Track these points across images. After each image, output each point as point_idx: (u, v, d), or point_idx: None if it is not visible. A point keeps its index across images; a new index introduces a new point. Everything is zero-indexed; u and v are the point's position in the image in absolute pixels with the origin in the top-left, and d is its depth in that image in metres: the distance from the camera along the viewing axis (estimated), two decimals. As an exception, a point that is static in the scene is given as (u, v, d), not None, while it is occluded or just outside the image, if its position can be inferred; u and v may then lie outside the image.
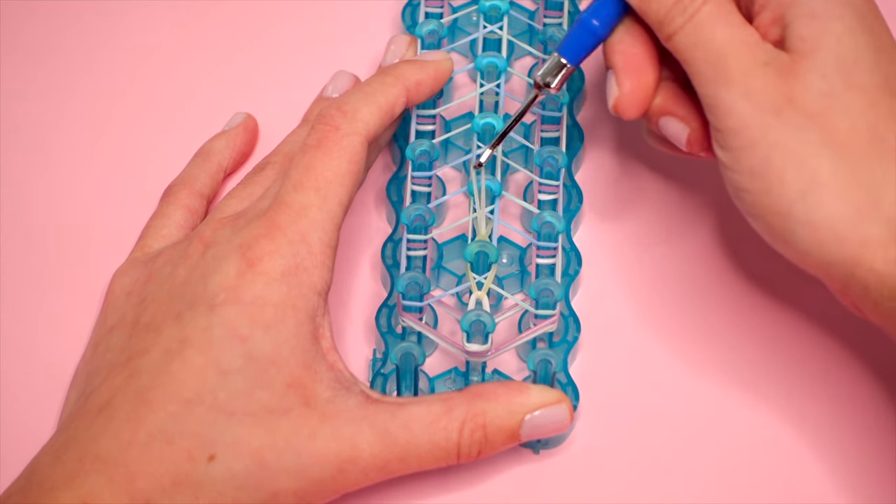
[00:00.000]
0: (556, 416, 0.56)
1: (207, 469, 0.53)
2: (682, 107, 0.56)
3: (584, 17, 0.57)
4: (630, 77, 0.56)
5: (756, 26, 0.54)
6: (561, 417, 0.56)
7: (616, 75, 0.56)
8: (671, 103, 0.57)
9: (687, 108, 0.56)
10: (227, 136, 0.65)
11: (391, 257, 0.62)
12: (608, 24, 0.57)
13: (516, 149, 0.64)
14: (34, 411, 0.59)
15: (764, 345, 0.61)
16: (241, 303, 0.54)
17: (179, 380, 0.53)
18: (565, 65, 0.58)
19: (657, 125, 0.57)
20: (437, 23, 0.64)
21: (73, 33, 0.69)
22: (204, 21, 0.69)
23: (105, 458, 0.52)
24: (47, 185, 0.65)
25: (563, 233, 0.60)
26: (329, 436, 0.54)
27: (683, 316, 0.62)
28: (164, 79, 0.68)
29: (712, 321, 0.62)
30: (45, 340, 0.61)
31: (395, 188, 0.63)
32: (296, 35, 0.69)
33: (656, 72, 0.56)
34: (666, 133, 0.57)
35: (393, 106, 0.59)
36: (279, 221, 0.56)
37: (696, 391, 0.60)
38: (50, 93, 0.67)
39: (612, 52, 0.56)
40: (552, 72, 0.58)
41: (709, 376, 0.60)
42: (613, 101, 0.56)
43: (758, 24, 0.54)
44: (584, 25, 0.57)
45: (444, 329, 0.61)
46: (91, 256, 0.63)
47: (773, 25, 0.54)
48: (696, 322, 0.62)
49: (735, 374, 0.60)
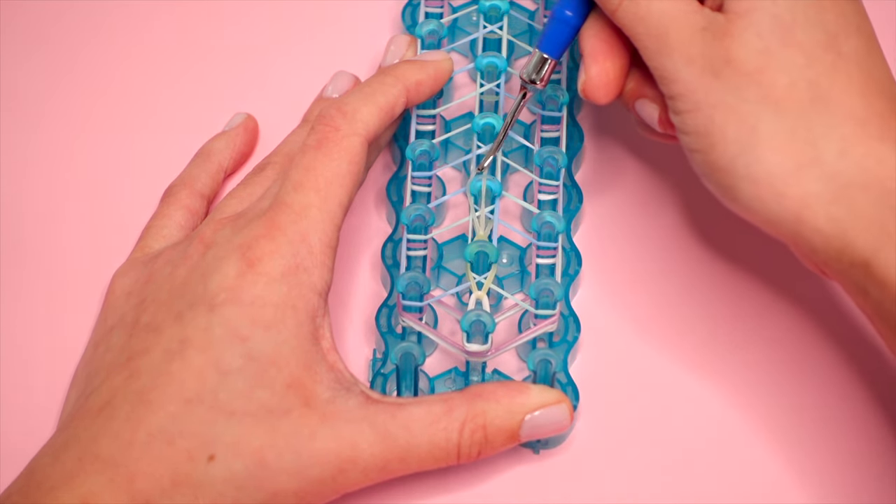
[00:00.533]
0: (556, 417, 0.56)
1: (207, 469, 0.53)
2: (654, 88, 0.57)
3: (556, 9, 0.58)
4: (597, 61, 0.57)
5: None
6: (561, 417, 0.56)
7: (584, 60, 0.57)
8: (642, 86, 0.57)
9: (658, 88, 0.57)
10: (227, 136, 0.65)
11: (391, 257, 0.62)
12: (580, 14, 0.58)
13: (516, 149, 0.64)
14: (34, 411, 0.59)
15: (765, 345, 0.61)
16: (242, 303, 0.54)
17: (179, 380, 0.53)
18: (547, 59, 0.59)
19: (635, 110, 0.58)
20: (437, 23, 0.64)
21: (76, 31, 0.69)
22: (205, 20, 0.69)
23: (105, 459, 0.52)
24: (47, 185, 0.65)
25: (563, 233, 0.60)
26: (329, 436, 0.54)
27: (683, 316, 0.62)
28: (165, 79, 0.68)
29: (713, 321, 0.61)
30: (45, 340, 0.61)
31: (395, 188, 0.63)
32: (296, 35, 0.69)
33: (625, 56, 0.57)
34: (642, 116, 0.58)
35: (393, 106, 0.59)
36: (279, 222, 0.56)
37: (695, 391, 0.60)
38: (50, 92, 0.67)
39: (583, 38, 0.57)
40: (536, 68, 0.59)
41: (708, 376, 0.60)
42: (581, 85, 0.57)
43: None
44: (558, 17, 0.58)
45: (444, 329, 0.61)
46: (91, 257, 0.63)
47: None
48: (696, 322, 0.62)
49: (735, 375, 0.60)
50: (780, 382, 0.60)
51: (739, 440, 0.59)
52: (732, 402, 0.60)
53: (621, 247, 0.63)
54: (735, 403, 0.60)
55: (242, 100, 0.67)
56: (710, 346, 0.61)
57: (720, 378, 0.60)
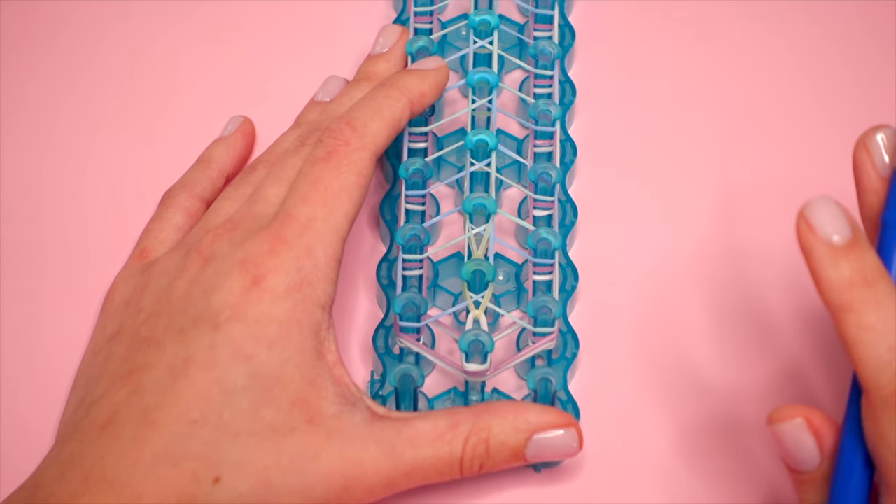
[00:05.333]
0: (565, 441, 0.56)
1: (213, 491, 0.52)
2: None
3: None
4: None
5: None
6: (569, 442, 0.56)
7: None
8: None
9: None
10: (226, 142, 0.64)
11: (387, 277, 0.61)
12: None
13: (509, 164, 0.64)
14: (34, 412, 0.59)
15: (767, 359, 0.61)
16: (246, 321, 0.54)
17: (184, 400, 0.53)
18: None
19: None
20: (427, 39, 0.64)
21: (69, 35, 0.69)
22: (201, 25, 0.69)
23: (111, 480, 0.52)
24: (46, 186, 0.65)
25: (559, 249, 0.60)
26: (334, 455, 0.54)
27: (681, 328, 0.62)
28: (161, 82, 0.68)
29: (712, 334, 0.61)
30: (45, 344, 0.61)
31: (389, 207, 0.63)
32: (290, 40, 0.69)
33: None
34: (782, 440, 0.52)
35: (399, 120, 0.59)
36: (284, 235, 0.55)
37: (696, 404, 0.60)
38: (47, 95, 0.67)
39: None
40: None
41: (710, 389, 0.60)
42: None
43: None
44: None
45: (441, 348, 0.60)
46: (91, 261, 0.63)
47: None
48: (695, 335, 0.61)
49: (737, 390, 0.60)
50: (783, 397, 0.60)
51: (742, 454, 0.59)
52: (735, 416, 0.60)
53: (616, 260, 0.63)
54: (738, 418, 0.60)
55: (238, 103, 0.67)
56: (710, 358, 0.61)
57: (722, 392, 0.60)
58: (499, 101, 0.64)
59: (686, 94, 0.67)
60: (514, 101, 0.66)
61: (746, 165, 0.65)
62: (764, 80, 0.68)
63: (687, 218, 0.64)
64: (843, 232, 0.49)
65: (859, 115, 0.66)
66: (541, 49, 0.64)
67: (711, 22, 0.69)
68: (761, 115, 0.67)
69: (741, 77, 0.68)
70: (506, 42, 0.66)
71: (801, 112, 0.67)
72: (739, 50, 0.68)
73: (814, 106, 0.67)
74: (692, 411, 0.60)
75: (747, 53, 0.68)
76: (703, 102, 0.67)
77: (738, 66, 0.68)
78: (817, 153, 0.66)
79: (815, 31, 0.69)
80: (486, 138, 0.61)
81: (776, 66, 0.68)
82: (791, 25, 0.69)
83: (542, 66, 0.64)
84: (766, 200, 0.63)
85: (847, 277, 0.49)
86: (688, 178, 0.65)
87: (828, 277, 0.49)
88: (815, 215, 0.49)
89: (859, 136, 0.51)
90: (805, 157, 0.66)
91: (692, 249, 0.63)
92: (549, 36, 0.65)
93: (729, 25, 0.69)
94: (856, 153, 0.52)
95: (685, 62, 0.68)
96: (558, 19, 0.66)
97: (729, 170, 0.65)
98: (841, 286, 0.49)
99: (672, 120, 0.67)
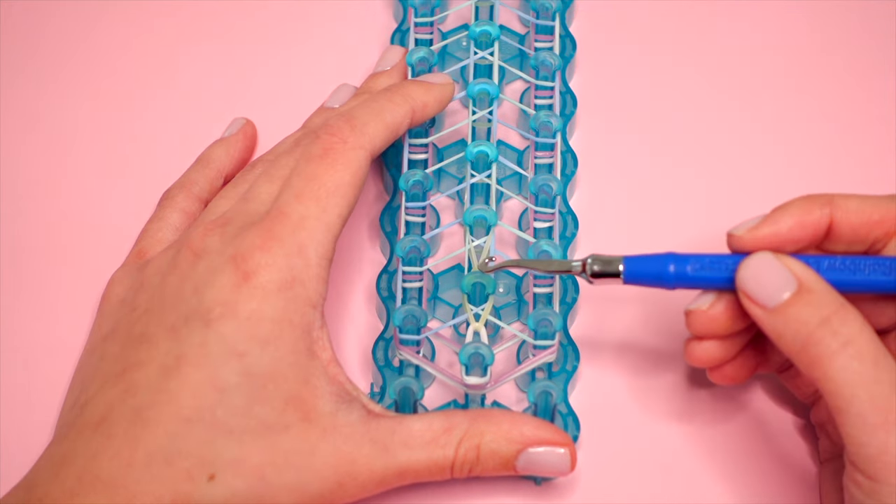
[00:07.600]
0: (556, 459, 0.56)
1: (207, 489, 0.52)
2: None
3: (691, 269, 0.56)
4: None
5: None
6: (561, 462, 0.56)
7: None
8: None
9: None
10: (226, 143, 0.64)
11: (386, 289, 0.61)
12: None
13: (510, 176, 0.63)
14: (34, 412, 0.60)
15: (768, 377, 0.60)
16: (238, 318, 0.54)
17: (177, 398, 0.53)
18: (619, 273, 0.56)
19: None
20: (427, 50, 0.64)
21: (72, 35, 0.69)
22: (203, 25, 0.69)
23: (105, 479, 0.52)
24: (45, 189, 0.65)
25: (560, 261, 0.60)
26: (329, 452, 0.54)
27: (682, 342, 0.61)
28: (164, 84, 0.68)
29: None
30: (45, 344, 0.61)
31: (389, 218, 0.63)
32: (292, 43, 0.69)
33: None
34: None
35: (399, 125, 0.59)
36: (276, 232, 0.55)
37: (697, 417, 0.60)
38: (49, 96, 0.67)
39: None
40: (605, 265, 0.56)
41: (711, 403, 0.60)
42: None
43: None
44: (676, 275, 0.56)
45: (441, 360, 0.60)
46: (89, 261, 0.63)
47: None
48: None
49: (739, 403, 0.60)
50: (784, 408, 0.60)
51: (743, 469, 0.59)
52: (734, 431, 0.59)
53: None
54: (737, 430, 0.59)
55: (240, 105, 0.67)
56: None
57: (722, 404, 0.60)
58: (499, 112, 0.64)
59: (687, 105, 0.67)
60: (515, 113, 0.66)
61: (748, 175, 0.65)
62: (765, 91, 0.67)
63: (688, 229, 0.64)
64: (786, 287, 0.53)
65: (859, 116, 0.67)
66: (542, 60, 0.64)
67: (712, 34, 0.69)
68: (762, 125, 0.67)
69: (741, 88, 0.68)
70: (506, 53, 0.66)
71: (802, 121, 0.67)
72: (739, 61, 0.68)
73: (815, 112, 0.67)
74: (693, 424, 0.60)
75: (747, 65, 0.68)
76: (703, 113, 0.67)
77: (739, 77, 0.68)
78: (818, 158, 0.66)
79: (815, 39, 0.69)
80: (486, 150, 0.61)
81: (776, 77, 0.68)
82: (791, 38, 0.69)
83: (542, 77, 0.64)
84: (768, 210, 0.63)
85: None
86: (689, 190, 0.65)
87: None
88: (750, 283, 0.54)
89: None
90: (807, 165, 0.66)
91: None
92: (550, 47, 0.65)
93: (729, 37, 0.69)
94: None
95: (686, 73, 0.68)
96: (559, 30, 0.66)
97: (730, 181, 0.65)
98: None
99: (673, 131, 0.66)
